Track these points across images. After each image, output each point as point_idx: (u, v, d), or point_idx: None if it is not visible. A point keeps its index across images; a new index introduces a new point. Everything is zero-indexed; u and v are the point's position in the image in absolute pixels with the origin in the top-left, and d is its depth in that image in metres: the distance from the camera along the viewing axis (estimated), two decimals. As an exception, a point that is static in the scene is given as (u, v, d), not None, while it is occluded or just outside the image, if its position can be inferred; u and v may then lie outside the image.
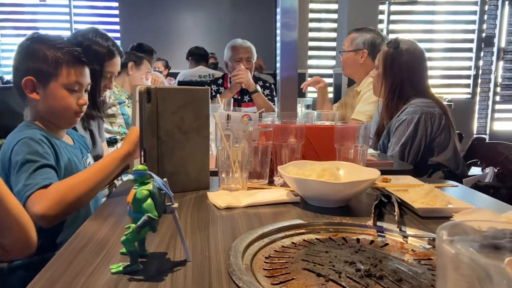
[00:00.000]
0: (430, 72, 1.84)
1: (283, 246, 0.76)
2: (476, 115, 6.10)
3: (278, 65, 1.39)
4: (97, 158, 1.63)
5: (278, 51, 1.37)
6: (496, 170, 1.65)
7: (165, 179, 0.69)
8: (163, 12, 5.93)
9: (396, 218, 0.85)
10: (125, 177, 1.62)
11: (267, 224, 0.84)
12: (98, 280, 0.61)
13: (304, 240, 0.79)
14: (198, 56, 4.50)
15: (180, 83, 4.00)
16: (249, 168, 1.13)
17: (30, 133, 1.11)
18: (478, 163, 1.81)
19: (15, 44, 1.26)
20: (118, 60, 1.63)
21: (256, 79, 2.74)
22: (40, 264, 0.66)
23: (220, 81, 2.79)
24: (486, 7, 5.93)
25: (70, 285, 0.59)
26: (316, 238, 0.80)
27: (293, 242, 0.78)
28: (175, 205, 0.68)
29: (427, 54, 1.83)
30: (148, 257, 0.68)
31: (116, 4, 6.07)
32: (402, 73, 1.74)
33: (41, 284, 0.59)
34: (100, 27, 1.69)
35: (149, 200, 0.64)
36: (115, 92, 2.20)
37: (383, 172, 1.23)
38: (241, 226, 0.84)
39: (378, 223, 0.84)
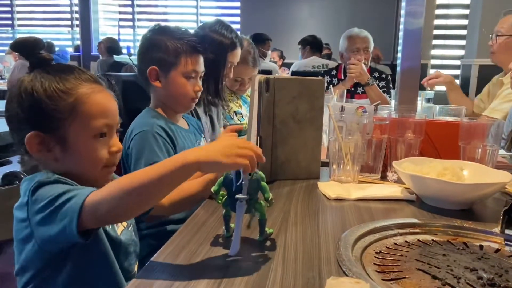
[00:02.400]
0: None
1: (395, 244, 0.74)
2: None
3: (399, 55, 1.32)
4: (216, 142, 1.75)
5: (400, 41, 1.30)
6: None
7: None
8: (280, 3, 6.03)
9: (529, 228, 0.76)
10: None
11: (378, 219, 0.82)
12: (219, 250, 0.66)
13: (418, 240, 0.75)
14: (312, 45, 4.47)
15: (293, 73, 4.04)
16: (361, 161, 1.11)
17: (150, 123, 1.19)
18: None
19: None
20: (239, 51, 1.72)
21: (372, 70, 2.64)
22: (164, 234, 0.73)
23: (333, 72, 2.75)
24: None
25: (194, 253, 0.66)
26: (433, 240, 0.75)
27: (406, 241, 0.75)
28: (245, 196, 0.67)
29: None
30: (258, 241, 0.72)
31: (237, -4, 6.36)
32: None
33: (170, 250, 0.67)
34: (223, 19, 1.79)
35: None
36: None
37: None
38: (351, 218, 0.84)
39: (507, 231, 0.76)
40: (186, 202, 1.00)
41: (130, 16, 7.01)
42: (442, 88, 2.28)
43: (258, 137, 1.07)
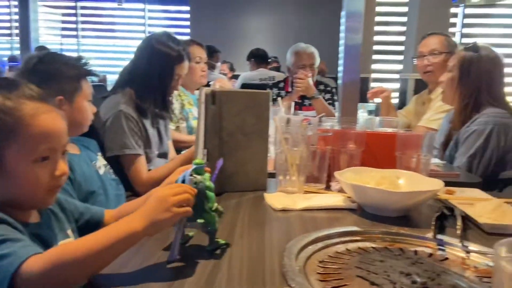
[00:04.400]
0: (508, 80, 1.72)
1: (337, 252, 0.76)
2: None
3: (340, 68, 1.38)
4: (163, 155, 1.73)
5: (341, 55, 1.37)
6: None
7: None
8: (231, 16, 6.10)
9: (458, 232, 0.82)
10: None
11: (322, 228, 0.84)
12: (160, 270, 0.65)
13: (359, 247, 0.79)
14: (258, 58, 4.56)
15: (244, 85, 4.08)
16: (306, 172, 1.14)
17: None
18: (558, 179, 1.66)
19: (94, 45, 1.33)
20: (187, 64, 1.72)
21: (317, 83, 2.73)
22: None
23: (281, 85, 2.81)
24: None
25: (138, 266, 0.64)
26: (372, 247, 0.79)
27: (347, 249, 0.78)
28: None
29: (506, 60, 1.71)
30: (207, 251, 0.72)
31: (187, 8, 6.34)
32: (481, 79, 1.65)
33: (111, 267, 0.65)
34: (172, 30, 1.77)
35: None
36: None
37: (448, 184, 1.18)
38: (296, 228, 0.86)
39: (439, 236, 0.81)
40: None
41: (73, 26, 6.77)
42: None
43: (205, 149, 1.07)
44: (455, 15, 5.39)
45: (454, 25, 5.37)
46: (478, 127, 1.58)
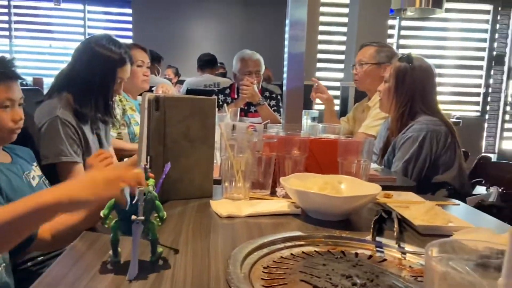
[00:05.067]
0: (440, 89, 1.86)
1: (282, 257, 0.77)
2: (485, 133, 6.06)
3: (284, 75, 1.41)
4: (104, 162, 1.66)
5: (285, 62, 1.40)
6: (500, 190, 1.64)
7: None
8: (176, 20, 6.02)
9: (395, 234, 0.86)
10: None
11: (267, 234, 0.85)
12: (107, 277, 0.62)
13: (303, 252, 0.80)
14: (204, 63, 4.53)
15: (189, 91, 4.04)
16: (252, 178, 1.15)
17: None
18: (483, 182, 1.80)
19: (28, 46, 1.24)
20: (129, 67, 1.67)
21: (263, 90, 2.76)
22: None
23: (227, 91, 2.82)
24: (498, 26, 5.93)
25: (76, 281, 0.61)
26: (315, 251, 0.81)
27: (292, 254, 0.79)
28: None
29: (438, 70, 1.83)
30: (150, 262, 0.70)
31: (129, 10, 6.18)
32: (415, 89, 1.75)
33: (47, 281, 0.61)
34: (113, 32, 1.72)
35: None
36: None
37: (386, 188, 1.24)
38: (242, 235, 0.86)
39: (377, 239, 0.85)
40: (70, 234, 0.91)
41: (6, 25, 6.34)
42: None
43: (148, 156, 1.04)
44: (392, 26, 5.71)
45: (392, 36, 5.69)
46: (413, 134, 1.68)
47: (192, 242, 0.80)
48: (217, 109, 2.35)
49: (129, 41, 5.83)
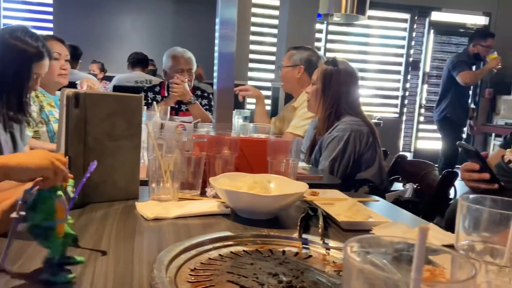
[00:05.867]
0: (363, 91, 1.96)
1: (209, 258, 0.76)
2: (402, 134, 6.53)
3: (215, 74, 1.40)
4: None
5: (215, 61, 1.38)
6: (415, 186, 1.77)
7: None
8: (101, 13, 5.73)
9: (320, 230, 0.89)
10: None
11: (195, 235, 0.83)
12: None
13: (231, 252, 0.80)
14: (135, 60, 4.39)
15: (116, 88, 3.87)
16: (181, 179, 1.12)
17: None
18: (400, 179, 1.93)
19: None
20: (47, 62, 1.55)
21: (194, 89, 2.73)
22: None
23: (157, 89, 2.74)
24: (414, 34, 6.41)
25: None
26: (243, 250, 0.81)
27: (220, 254, 0.78)
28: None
29: (361, 74, 1.94)
30: (68, 268, 0.65)
31: (50, 0, 5.76)
32: (340, 91, 1.83)
33: None
34: (32, 24, 1.59)
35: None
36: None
37: (314, 186, 1.28)
38: (169, 237, 0.83)
39: (304, 236, 0.87)
40: None
41: None
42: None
43: (67, 157, 0.97)
44: (320, 31, 5.93)
45: (320, 40, 5.91)
46: (338, 134, 1.75)
47: (114, 247, 0.76)
48: (146, 107, 2.28)
49: (49, 33, 5.45)
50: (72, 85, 2.27)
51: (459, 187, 1.70)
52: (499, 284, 0.51)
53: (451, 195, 1.73)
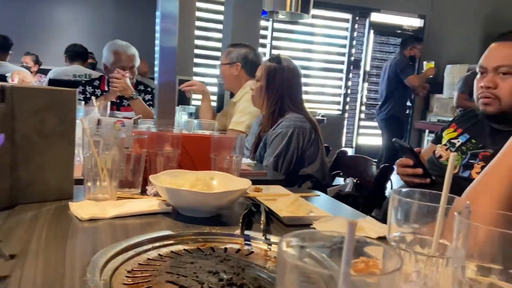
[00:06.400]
0: (308, 89, 2.00)
1: (148, 259, 0.74)
2: (345, 130, 6.78)
3: (156, 69, 1.35)
4: None
5: (156, 56, 1.34)
6: (355, 181, 1.84)
7: None
8: (38, 4, 5.37)
9: (262, 226, 0.89)
10: None
11: (133, 236, 0.80)
12: None
13: (171, 251, 0.78)
14: (74, 53, 4.17)
15: (52, 81, 3.65)
16: (119, 177, 1.08)
17: None
18: (341, 174, 2.00)
19: None
20: None
21: (137, 83, 2.64)
22: None
23: (96, 83, 2.62)
24: (355, 34, 6.66)
25: None
26: (184, 249, 0.79)
27: (159, 254, 0.76)
28: None
29: (306, 72, 1.99)
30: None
31: (-24, -14, 5.32)
32: (283, 88, 1.85)
33: None
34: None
35: None
36: None
37: (258, 182, 1.28)
38: (105, 239, 0.79)
39: (246, 232, 0.87)
40: None
41: None
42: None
43: (-9, 155, 0.90)
44: (266, 28, 5.98)
45: (265, 37, 5.95)
46: (282, 130, 1.78)
47: (44, 250, 0.71)
48: (84, 102, 2.18)
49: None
50: (1, 78, 2.11)
51: (395, 181, 1.79)
52: (427, 273, 0.54)
53: (388, 189, 1.81)
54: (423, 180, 1.36)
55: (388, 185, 1.78)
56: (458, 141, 1.42)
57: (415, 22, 6.84)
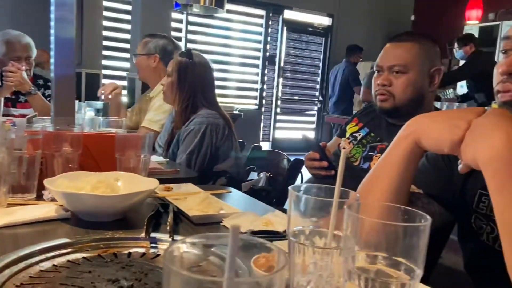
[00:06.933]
0: (225, 84, 1.99)
1: (41, 271, 0.67)
2: (262, 124, 6.92)
3: (52, 61, 1.24)
4: None
5: (52, 46, 1.23)
6: (268, 175, 1.88)
7: None
8: None
9: (168, 228, 0.86)
10: None
11: (24, 246, 0.73)
12: None
13: (68, 260, 0.72)
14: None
15: None
16: (10, 181, 0.98)
17: None
18: (255, 168, 2.03)
19: None
20: None
21: (35, 77, 2.42)
22: None
23: (-12, 77, 2.35)
24: (270, 30, 6.81)
25: None
26: (83, 257, 0.74)
27: (54, 265, 0.70)
28: None
29: (223, 67, 1.97)
30: None
31: None
32: (196, 83, 1.82)
33: None
34: None
35: None
36: None
37: (170, 180, 1.25)
38: (-11, 252, 0.71)
39: (152, 234, 0.84)
40: None
41: None
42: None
43: None
44: (181, 21, 5.85)
45: (180, 30, 5.83)
46: (194, 127, 1.75)
47: None
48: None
49: None
50: None
51: (305, 174, 1.86)
52: (323, 265, 0.56)
53: (298, 182, 1.88)
54: (329, 172, 1.43)
55: (299, 178, 1.85)
56: (359, 135, 1.52)
57: (325, 21, 7.19)
